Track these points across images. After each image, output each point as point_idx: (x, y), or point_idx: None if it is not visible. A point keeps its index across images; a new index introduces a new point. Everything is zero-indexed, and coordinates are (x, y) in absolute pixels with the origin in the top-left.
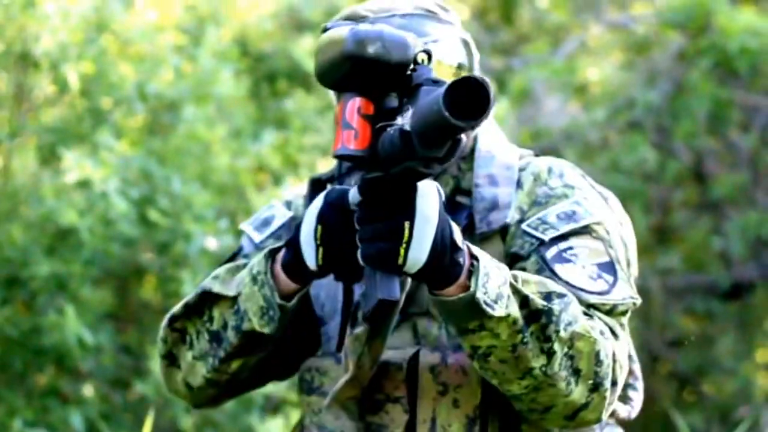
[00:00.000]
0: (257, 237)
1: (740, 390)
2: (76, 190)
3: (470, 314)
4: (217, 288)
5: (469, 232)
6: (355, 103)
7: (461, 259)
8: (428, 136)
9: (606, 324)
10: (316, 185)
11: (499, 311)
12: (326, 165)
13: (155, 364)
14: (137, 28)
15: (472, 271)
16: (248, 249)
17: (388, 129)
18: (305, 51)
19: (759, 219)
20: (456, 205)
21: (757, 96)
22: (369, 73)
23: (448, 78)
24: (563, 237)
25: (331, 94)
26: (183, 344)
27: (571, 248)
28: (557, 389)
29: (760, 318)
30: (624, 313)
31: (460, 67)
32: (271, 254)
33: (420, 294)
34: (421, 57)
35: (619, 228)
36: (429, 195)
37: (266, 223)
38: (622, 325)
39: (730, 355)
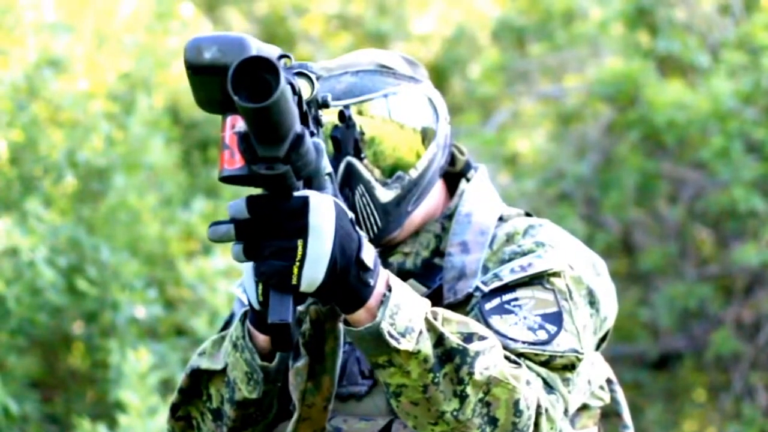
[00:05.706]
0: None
1: None
2: (4, 258)
3: (377, 346)
4: (205, 364)
5: (439, 301)
6: (228, 121)
7: (371, 281)
8: (258, 133)
9: (539, 375)
10: None
11: (405, 345)
12: None
13: None
14: (68, 95)
15: (383, 301)
16: (240, 312)
17: None
18: None
19: (686, 290)
20: (432, 267)
21: (685, 168)
22: (210, 81)
23: (412, 148)
24: (508, 288)
25: None
26: (191, 430)
27: (516, 299)
28: None
29: (688, 388)
30: (567, 367)
31: (424, 131)
32: (245, 316)
33: None
34: (284, 61)
35: (594, 284)
36: (322, 209)
37: None
38: (566, 380)
39: (658, 426)
